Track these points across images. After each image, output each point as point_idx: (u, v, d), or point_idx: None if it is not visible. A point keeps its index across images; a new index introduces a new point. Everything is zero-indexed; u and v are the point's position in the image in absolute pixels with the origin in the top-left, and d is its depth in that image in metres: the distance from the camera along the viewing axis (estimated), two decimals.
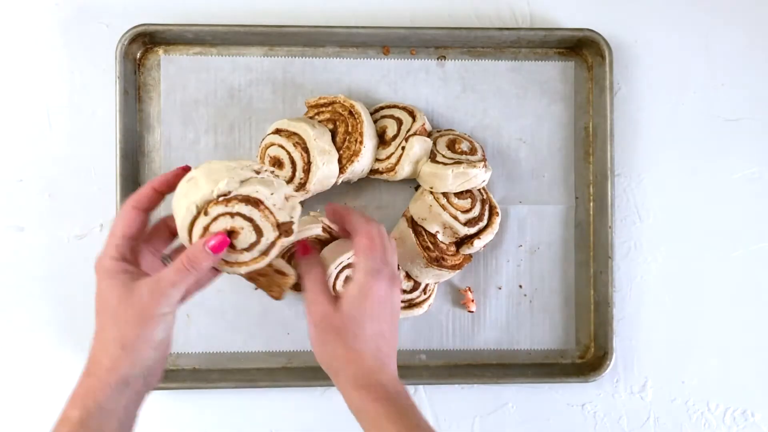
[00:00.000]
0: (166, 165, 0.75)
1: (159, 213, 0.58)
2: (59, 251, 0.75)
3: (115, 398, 0.50)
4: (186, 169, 0.55)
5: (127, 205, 0.55)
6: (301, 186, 0.70)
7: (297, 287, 0.68)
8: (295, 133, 0.70)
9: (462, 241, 0.73)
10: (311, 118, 0.73)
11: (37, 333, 0.75)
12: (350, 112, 0.71)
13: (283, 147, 0.70)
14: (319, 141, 0.69)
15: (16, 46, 0.75)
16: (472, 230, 0.73)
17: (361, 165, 0.70)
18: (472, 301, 0.76)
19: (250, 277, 0.57)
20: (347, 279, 0.73)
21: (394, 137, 0.73)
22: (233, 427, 0.77)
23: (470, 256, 0.75)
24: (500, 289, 0.77)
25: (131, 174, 0.74)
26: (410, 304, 0.74)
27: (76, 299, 0.75)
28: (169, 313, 0.52)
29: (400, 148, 0.72)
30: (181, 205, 0.53)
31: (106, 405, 0.50)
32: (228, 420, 0.77)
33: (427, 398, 0.77)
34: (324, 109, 0.72)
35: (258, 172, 0.54)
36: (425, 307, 0.75)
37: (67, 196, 0.76)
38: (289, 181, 0.70)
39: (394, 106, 0.74)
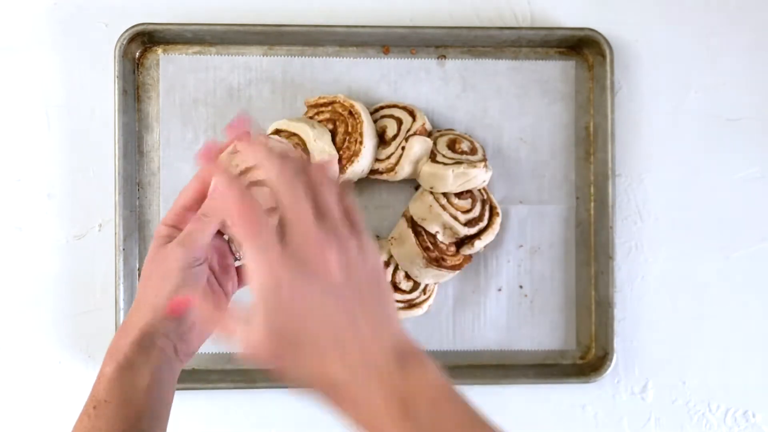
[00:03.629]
0: (165, 164, 0.75)
1: None
2: (58, 251, 0.75)
3: (143, 355, 0.50)
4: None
5: (193, 179, 0.55)
6: None
7: None
8: (294, 134, 0.70)
9: (462, 242, 0.73)
10: (311, 117, 0.72)
11: (36, 333, 0.75)
12: (350, 112, 0.71)
13: None
14: (319, 142, 0.69)
15: (14, 45, 0.75)
16: (473, 230, 0.72)
17: (361, 165, 0.70)
18: None
19: None
20: None
21: (394, 137, 0.72)
22: (233, 427, 0.77)
23: (470, 256, 0.75)
24: (500, 290, 0.77)
25: (130, 174, 0.74)
26: (410, 305, 0.74)
27: (76, 299, 0.75)
28: (190, 269, 0.51)
29: (400, 148, 0.72)
30: None
31: (135, 361, 0.49)
32: (228, 420, 0.76)
33: None
34: (324, 108, 0.72)
35: None
36: (425, 307, 0.74)
37: (66, 196, 0.75)
38: None
39: (394, 106, 0.74)
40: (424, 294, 0.75)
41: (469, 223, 0.72)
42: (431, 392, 0.42)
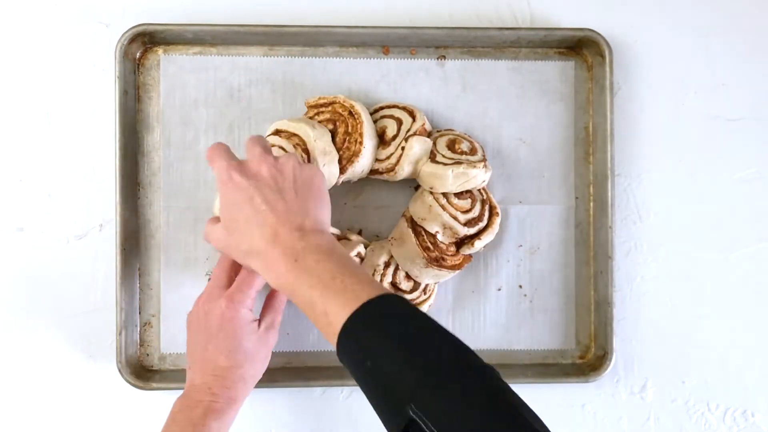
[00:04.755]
0: (165, 165, 0.75)
1: None
2: (59, 251, 0.75)
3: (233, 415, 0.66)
4: None
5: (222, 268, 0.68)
6: None
7: None
8: (295, 134, 0.70)
9: (462, 242, 0.73)
10: (311, 118, 0.72)
11: (37, 333, 0.75)
12: (350, 113, 0.71)
13: (283, 148, 0.70)
14: (319, 142, 0.69)
15: (15, 45, 0.75)
16: (472, 230, 0.73)
17: (361, 165, 0.70)
18: None
19: None
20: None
21: (394, 137, 0.72)
22: (233, 427, 0.77)
23: (470, 256, 0.75)
24: (500, 289, 0.77)
25: (131, 174, 0.74)
26: None
27: (76, 299, 0.75)
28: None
29: (399, 148, 0.72)
30: None
31: (229, 420, 0.65)
32: None
33: None
34: (324, 109, 0.72)
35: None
36: (425, 307, 0.75)
37: (67, 196, 0.75)
38: None
39: (394, 106, 0.74)
40: (425, 294, 0.75)
41: (468, 223, 0.72)
42: (318, 251, 0.57)
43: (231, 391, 0.63)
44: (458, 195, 0.73)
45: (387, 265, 0.73)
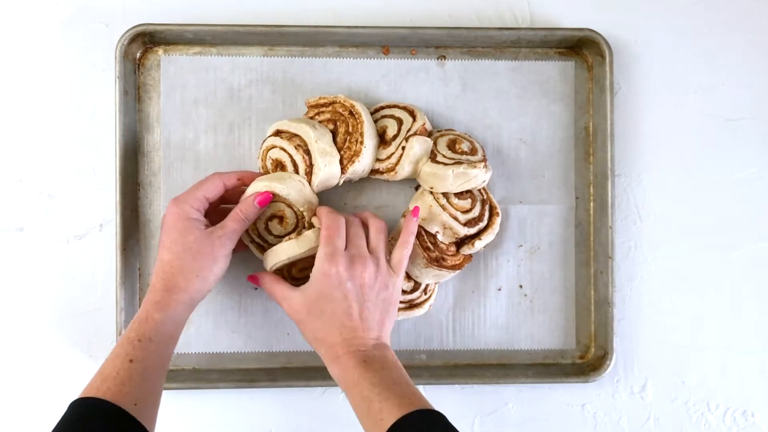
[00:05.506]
0: (165, 165, 0.75)
1: None
2: (59, 251, 0.75)
3: (185, 311, 0.66)
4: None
5: (215, 175, 0.69)
6: None
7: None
8: (296, 135, 0.70)
9: (462, 242, 0.73)
10: (311, 118, 0.72)
11: (37, 333, 0.75)
12: (350, 112, 0.71)
13: (284, 149, 0.70)
14: (320, 143, 0.69)
15: (15, 45, 0.75)
16: (472, 231, 0.73)
17: (361, 165, 0.70)
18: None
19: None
20: None
21: (395, 137, 0.72)
22: (233, 427, 0.77)
23: (470, 256, 0.75)
24: (500, 289, 0.77)
25: (131, 174, 0.74)
26: (411, 305, 0.74)
27: (76, 299, 0.75)
28: (230, 253, 0.67)
29: (400, 148, 0.72)
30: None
31: (178, 315, 0.65)
32: (228, 420, 0.77)
33: (427, 398, 0.77)
34: (324, 109, 0.72)
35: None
36: (426, 307, 0.75)
37: (67, 196, 0.76)
38: None
39: (395, 106, 0.74)
40: (425, 294, 0.75)
41: (468, 223, 0.72)
42: (384, 360, 0.64)
43: (169, 282, 0.65)
44: (458, 195, 0.73)
45: None
